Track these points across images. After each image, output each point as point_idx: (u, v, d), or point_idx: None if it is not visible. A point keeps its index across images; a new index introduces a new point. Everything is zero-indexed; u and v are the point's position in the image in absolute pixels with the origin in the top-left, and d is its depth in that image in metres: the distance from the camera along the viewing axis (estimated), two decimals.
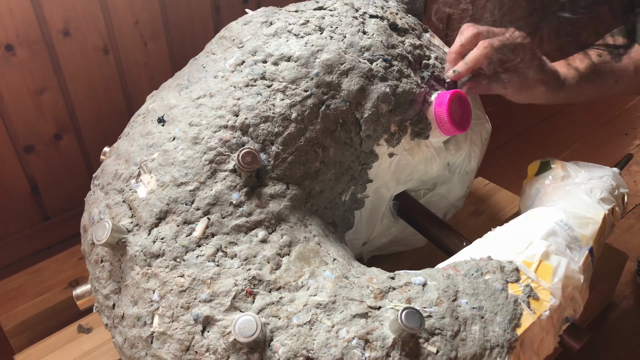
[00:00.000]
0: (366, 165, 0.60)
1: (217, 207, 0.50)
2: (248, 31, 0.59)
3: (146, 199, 0.51)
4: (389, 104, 0.57)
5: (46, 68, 0.77)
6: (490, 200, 0.91)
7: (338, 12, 0.60)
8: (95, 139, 0.86)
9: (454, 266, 0.54)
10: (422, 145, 0.63)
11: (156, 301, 0.47)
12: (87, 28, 0.78)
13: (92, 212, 0.55)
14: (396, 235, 0.74)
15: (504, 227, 0.59)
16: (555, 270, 0.53)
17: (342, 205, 0.60)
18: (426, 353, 0.46)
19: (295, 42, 0.56)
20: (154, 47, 0.85)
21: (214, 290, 0.47)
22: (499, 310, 0.50)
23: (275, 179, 0.53)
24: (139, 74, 0.86)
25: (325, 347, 0.45)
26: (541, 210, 0.62)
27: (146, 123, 0.56)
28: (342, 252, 0.54)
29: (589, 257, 0.57)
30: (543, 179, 0.69)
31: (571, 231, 0.59)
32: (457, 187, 0.75)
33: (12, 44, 0.73)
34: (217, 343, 0.45)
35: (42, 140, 0.81)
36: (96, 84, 0.82)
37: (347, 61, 0.56)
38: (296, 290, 0.48)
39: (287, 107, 0.54)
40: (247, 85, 0.54)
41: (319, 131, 0.55)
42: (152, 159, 0.52)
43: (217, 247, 0.49)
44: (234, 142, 0.52)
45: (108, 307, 0.52)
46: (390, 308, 0.48)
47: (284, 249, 0.50)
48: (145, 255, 0.49)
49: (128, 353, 0.50)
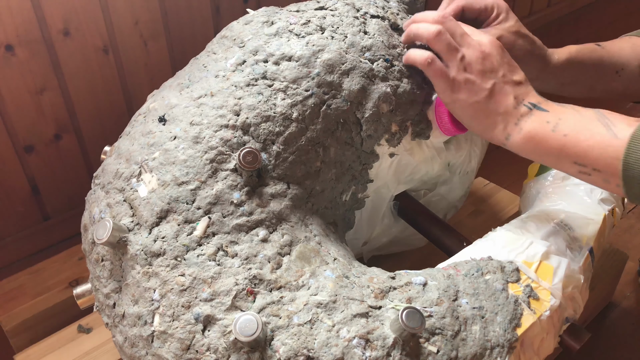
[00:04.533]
0: (367, 165, 0.60)
1: (218, 206, 0.50)
2: (249, 31, 0.59)
3: (147, 198, 0.51)
4: (390, 104, 0.57)
5: (46, 68, 0.77)
6: (490, 200, 0.91)
7: (339, 12, 0.60)
8: (95, 139, 0.86)
9: (454, 266, 0.54)
10: (423, 146, 0.63)
11: (157, 300, 0.47)
12: (87, 28, 0.78)
13: (93, 211, 0.55)
14: (396, 235, 0.74)
15: (504, 227, 0.59)
16: (556, 270, 0.53)
17: (343, 205, 0.60)
18: (427, 353, 0.46)
19: (297, 41, 0.57)
20: (154, 47, 0.85)
21: (214, 290, 0.47)
22: (500, 310, 0.50)
23: (276, 179, 0.53)
24: (139, 74, 0.86)
25: (326, 347, 0.45)
26: (541, 210, 0.63)
27: (147, 122, 0.56)
28: (342, 251, 0.54)
29: (589, 258, 0.58)
30: (543, 180, 0.69)
31: (571, 231, 0.59)
32: (457, 187, 0.75)
33: (12, 44, 0.73)
34: (218, 342, 0.45)
35: (42, 140, 0.81)
36: (96, 84, 0.82)
37: (348, 61, 0.56)
38: (297, 290, 0.48)
39: (288, 107, 0.54)
40: (248, 84, 0.54)
41: (320, 131, 0.55)
42: (153, 158, 0.52)
43: (218, 246, 0.49)
44: (235, 142, 0.52)
45: (108, 306, 0.52)
46: (390, 308, 0.48)
47: (284, 249, 0.50)
48: (146, 254, 0.49)
49: (128, 352, 0.50)
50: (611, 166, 0.47)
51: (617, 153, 0.47)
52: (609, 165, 0.47)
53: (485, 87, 0.53)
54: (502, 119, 0.53)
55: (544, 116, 0.52)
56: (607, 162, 0.47)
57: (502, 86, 0.53)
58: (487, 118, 0.54)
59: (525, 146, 0.52)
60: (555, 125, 0.50)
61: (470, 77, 0.53)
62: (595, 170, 0.49)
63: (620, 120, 0.49)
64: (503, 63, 0.54)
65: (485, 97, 0.53)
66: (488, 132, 0.54)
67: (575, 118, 0.50)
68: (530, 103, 0.53)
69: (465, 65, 0.54)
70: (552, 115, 0.51)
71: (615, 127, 0.48)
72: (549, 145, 0.51)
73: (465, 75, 0.54)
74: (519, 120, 0.52)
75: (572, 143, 0.49)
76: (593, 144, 0.48)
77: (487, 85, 0.53)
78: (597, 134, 0.48)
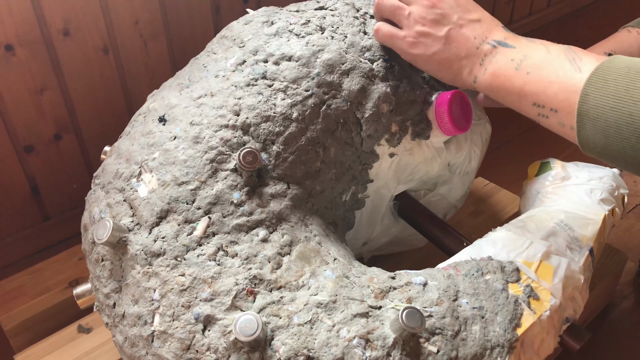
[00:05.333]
0: (367, 165, 0.60)
1: (218, 206, 0.50)
2: (249, 31, 0.59)
3: (147, 198, 0.51)
4: (390, 104, 0.57)
5: (46, 68, 0.77)
6: (490, 200, 0.91)
7: (339, 12, 0.60)
8: (95, 139, 0.86)
9: (454, 266, 0.54)
10: (423, 146, 0.63)
11: (157, 300, 0.47)
12: (87, 28, 0.78)
13: (93, 211, 0.55)
14: (396, 235, 0.74)
15: (504, 227, 0.59)
16: (556, 270, 0.53)
17: (343, 205, 0.60)
18: (427, 353, 0.46)
19: (297, 41, 0.57)
20: (154, 47, 0.85)
21: (214, 290, 0.47)
22: (500, 310, 0.50)
23: (276, 179, 0.53)
24: (139, 74, 0.86)
25: (326, 347, 0.45)
26: (541, 210, 0.63)
27: (147, 122, 0.56)
28: (342, 251, 0.54)
29: (589, 258, 0.58)
30: (543, 180, 0.69)
31: (571, 231, 0.59)
32: (457, 187, 0.75)
33: (12, 44, 0.73)
34: (218, 342, 0.45)
35: (42, 140, 0.81)
36: (96, 84, 0.82)
37: (348, 61, 0.56)
38: (297, 290, 0.48)
39: (288, 107, 0.54)
40: (248, 84, 0.54)
41: (320, 131, 0.55)
42: (153, 158, 0.52)
43: (218, 246, 0.49)
44: (235, 142, 0.52)
45: (108, 306, 0.52)
46: (391, 308, 0.48)
47: (284, 249, 0.50)
48: (146, 254, 0.49)
49: (129, 352, 0.50)
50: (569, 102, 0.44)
51: (576, 87, 0.43)
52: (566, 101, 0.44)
53: (439, 35, 0.52)
54: (467, 62, 0.51)
55: (509, 53, 0.49)
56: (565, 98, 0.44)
57: (458, 30, 0.51)
58: (452, 65, 0.52)
59: (491, 86, 0.50)
60: (519, 63, 0.48)
61: (423, 30, 0.52)
62: (552, 110, 0.45)
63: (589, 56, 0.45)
64: (455, 6, 0.52)
65: (443, 45, 0.52)
66: (458, 79, 0.53)
67: (541, 53, 0.47)
68: (495, 40, 0.50)
69: (415, 19, 0.52)
70: (518, 52, 0.49)
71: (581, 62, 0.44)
72: (511, 84, 0.48)
73: (416, 29, 0.52)
74: (483, 60, 0.50)
75: (533, 80, 0.46)
76: (554, 80, 0.45)
77: (441, 33, 0.51)
78: (559, 69, 0.45)
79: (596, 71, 0.42)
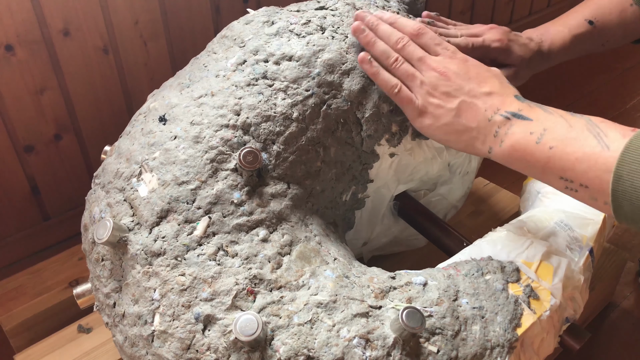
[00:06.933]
0: (367, 165, 0.60)
1: (218, 206, 0.50)
2: (250, 30, 0.59)
3: (147, 197, 0.51)
4: (390, 104, 0.57)
5: (46, 68, 0.77)
6: (490, 200, 0.92)
7: (339, 12, 0.60)
8: (95, 139, 0.86)
9: (454, 266, 0.54)
10: (423, 146, 0.63)
11: (157, 300, 0.47)
12: (87, 28, 0.78)
13: (93, 210, 0.55)
14: (396, 235, 0.74)
15: (504, 227, 0.59)
16: (556, 270, 0.53)
17: (343, 205, 0.60)
18: (427, 352, 0.46)
19: (297, 41, 0.57)
20: (154, 47, 0.85)
21: (215, 289, 0.47)
22: (500, 310, 0.50)
23: (276, 178, 0.53)
24: (139, 74, 0.86)
25: (326, 346, 0.45)
26: (541, 210, 0.63)
27: (147, 122, 0.56)
28: (342, 251, 0.54)
29: (589, 258, 0.58)
30: None
31: (571, 231, 0.59)
32: (457, 187, 0.75)
33: (12, 44, 0.73)
34: (218, 342, 0.45)
35: (42, 140, 0.81)
36: (96, 84, 0.82)
37: (348, 61, 0.56)
38: (297, 290, 0.48)
39: (289, 107, 0.54)
40: (249, 84, 0.54)
41: (320, 131, 0.55)
42: (154, 158, 0.52)
43: (218, 246, 0.49)
44: (235, 141, 0.52)
45: (109, 306, 0.52)
46: (391, 307, 0.48)
47: (284, 248, 0.50)
48: (146, 254, 0.49)
49: (129, 352, 0.50)
50: (600, 181, 0.43)
51: (607, 166, 0.43)
52: (597, 179, 0.44)
53: (450, 107, 0.52)
54: (478, 133, 0.51)
55: (527, 126, 0.49)
56: (596, 176, 0.44)
57: (469, 102, 0.51)
58: (461, 136, 0.52)
59: (509, 158, 0.50)
60: (540, 136, 0.47)
61: (434, 101, 0.52)
62: (582, 186, 0.45)
63: (614, 130, 0.45)
64: (468, 78, 0.52)
65: (453, 117, 0.52)
66: (469, 148, 0.53)
67: (563, 128, 0.47)
68: (508, 112, 0.50)
69: (428, 89, 0.52)
70: (537, 125, 0.48)
71: (607, 138, 0.44)
72: (534, 158, 0.48)
73: (429, 100, 0.52)
74: (497, 131, 0.50)
75: (558, 156, 0.46)
76: (581, 157, 0.45)
77: (453, 105, 0.51)
78: (586, 146, 0.45)
79: (627, 150, 0.42)
